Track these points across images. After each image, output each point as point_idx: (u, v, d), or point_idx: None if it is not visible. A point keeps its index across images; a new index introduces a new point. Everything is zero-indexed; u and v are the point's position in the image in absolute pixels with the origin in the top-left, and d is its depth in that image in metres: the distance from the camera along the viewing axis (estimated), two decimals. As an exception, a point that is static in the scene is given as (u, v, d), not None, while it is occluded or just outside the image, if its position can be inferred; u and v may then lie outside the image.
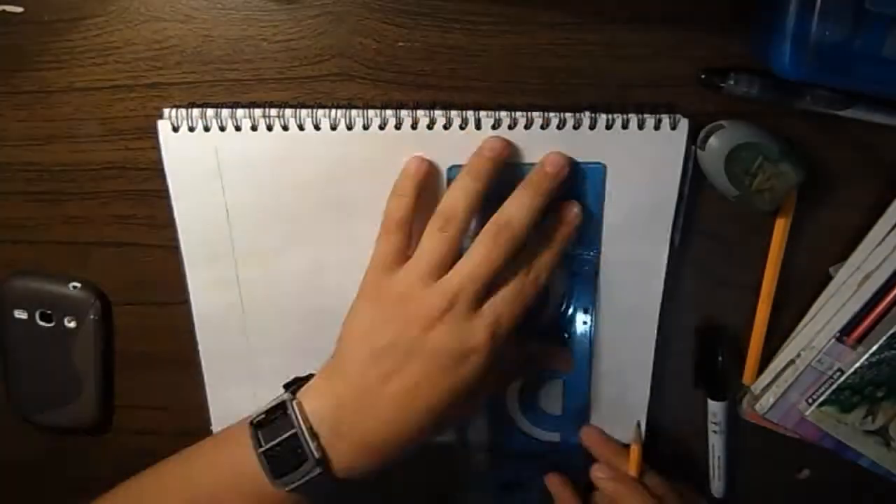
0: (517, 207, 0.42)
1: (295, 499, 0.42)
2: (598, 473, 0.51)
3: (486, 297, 0.42)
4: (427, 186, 0.44)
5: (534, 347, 0.49)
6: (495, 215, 0.43)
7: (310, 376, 0.44)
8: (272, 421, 0.42)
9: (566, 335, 0.50)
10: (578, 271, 0.48)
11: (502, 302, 0.42)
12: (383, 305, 0.42)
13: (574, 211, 0.45)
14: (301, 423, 0.41)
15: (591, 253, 0.47)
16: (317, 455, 0.41)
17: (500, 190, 0.43)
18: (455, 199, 0.42)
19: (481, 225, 0.43)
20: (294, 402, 0.42)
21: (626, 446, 0.53)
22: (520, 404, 0.52)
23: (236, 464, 0.42)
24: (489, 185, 0.43)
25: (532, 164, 0.44)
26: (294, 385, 0.44)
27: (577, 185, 0.45)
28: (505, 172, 0.44)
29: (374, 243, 0.44)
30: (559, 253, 0.45)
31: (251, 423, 0.42)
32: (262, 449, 0.41)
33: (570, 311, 0.49)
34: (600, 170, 0.45)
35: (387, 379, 0.41)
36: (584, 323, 0.49)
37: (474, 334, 0.41)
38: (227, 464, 0.43)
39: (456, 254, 0.43)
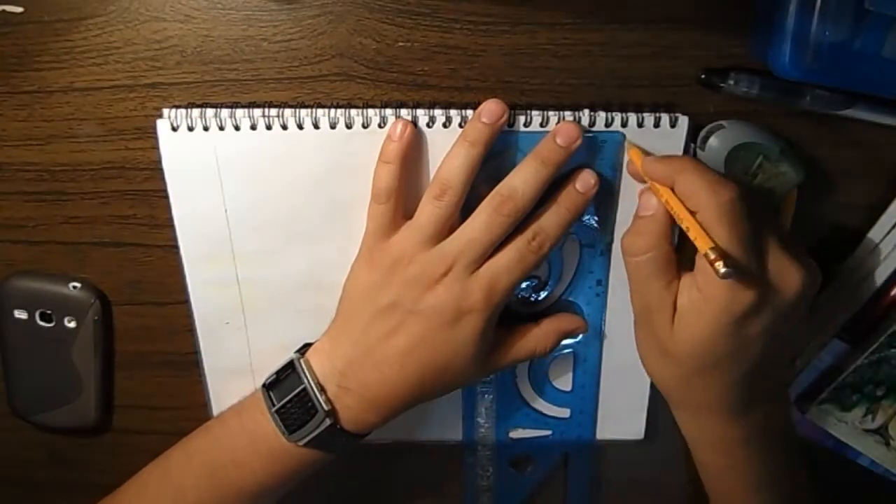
0: (522, 179, 0.42)
1: (310, 455, 0.44)
2: (636, 166, 0.43)
3: (485, 261, 0.43)
4: (413, 149, 0.44)
5: (550, 323, 0.48)
6: (499, 185, 0.43)
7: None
8: (282, 380, 0.44)
9: (578, 304, 0.49)
10: (592, 243, 0.48)
11: (501, 265, 0.43)
12: (383, 268, 0.43)
13: (591, 181, 0.43)
14: (309, 378, 0.43)
15: (607, 224, 0.47)
16: (326, 407, 0.43)
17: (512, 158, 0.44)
18: (451, 167, 0.42)
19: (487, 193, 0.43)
20: (301, 360, 0.44)
21: (629, 441, 0.53)
22: (529, 379, 0.52)
23: (254, 426, 0.44)
24: (487, 151, 0.42)
25: (542, 133, 0.43)
26: (303, 349, 0.46)
27: (591, 154, 0.44)
28: (511, 140, 0.44)
29: (367, 213, 0.44)
30: (569, 222, 0.44)
31: (264, 385, 0.45)
32: (275, 408, 0.43)
33: (584, 282, 0.49)
34: (617, 139, 0.44)
35: (388, 337, 0.43)
36: (598, 295, 0.49)
37: (470, 295, 0.42)
38: (245, 427, 0.45)
39: (453, 221, 0.43)
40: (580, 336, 0.50)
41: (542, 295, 0.49)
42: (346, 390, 0.43)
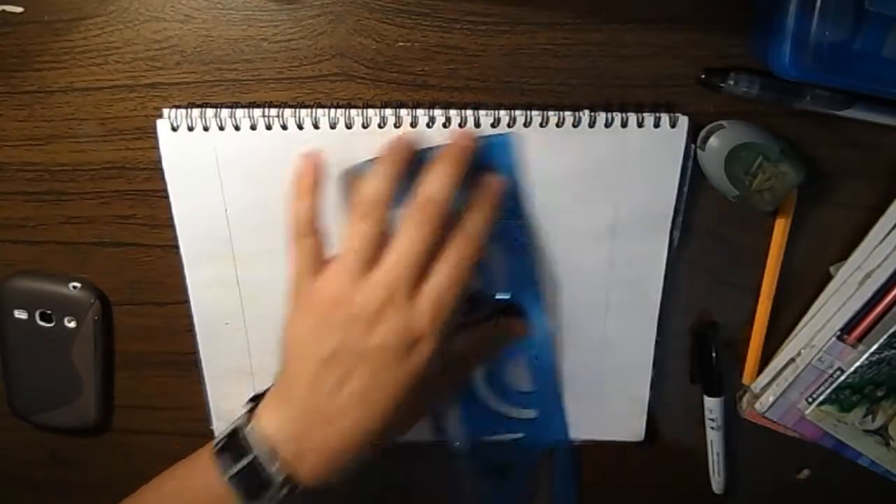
0: (434, 181, 0.41)
1: None
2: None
3: (422, 280, 0.41)
4: (323, 179, 0.43)
5: (488, 328, 0.47)
6: (415, 196, 0.41)
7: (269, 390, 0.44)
8: (232, 447, 0.41)
9: (519, 305, 0.49)
10: (513, 243, 0.47)
11: (440, 282, 0.41)
12: (319, 312, 0.41)
13: (494, 180, 0.43)
14: (258, 447, 0.41)
15: (520, 221, 0.47)
16: (279, 477, 0.40)
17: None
18: (372, 186, 0.41)
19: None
20: (248, 429, 0.41)
21: (629, 443, 0.53)
22: (489, 386, 0.52)
23: (208, 488, 0.41)
24: (404, 169, 0.42)
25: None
26: (254, 403, 0.43)
27: (488, 159, 0.45)
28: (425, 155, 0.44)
29: (290, 251, 0.43)
30: (488, 223, 0.42)
31: (214, 447, 0.42)
32: (228, 475, 0.41)
33: (519, 282, 0.49)
34: (505, 140, 0.44)
35: (338, 388, 0.40)
36: (534, 293, 0.49)
37: (418, 321, 0.40)
38: (198, 489, 0.42)
39: (382, 241, 0.41)
40: (528, 337, 0.50)
41: (482, 302, 0.49)
42: (302, 452, 0.41)
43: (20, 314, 0.50)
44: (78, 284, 0.49)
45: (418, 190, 0.41)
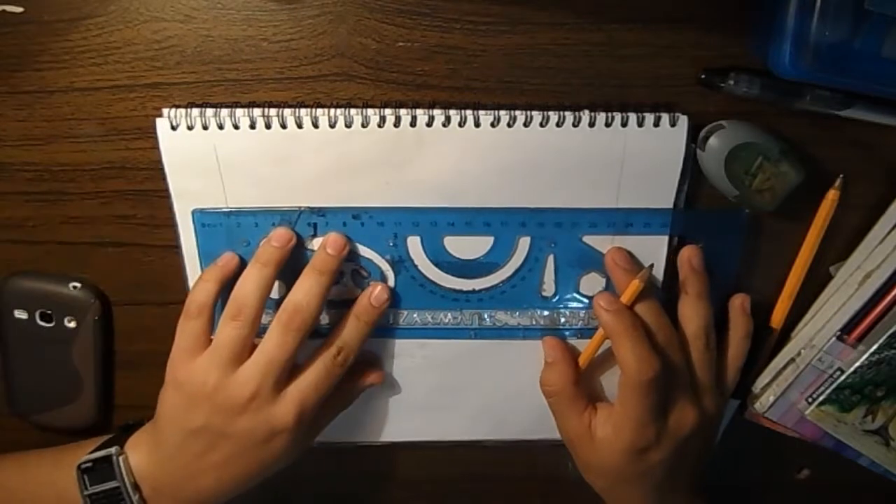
0: (304, 293, 0.45)
1: None
2: (599, 301, 0.46)
3: (291, 376, 0.45)
4: (232, 277, 0.46)
5: (351, 381, 0.49)
6: (284, 302, 0.45)
7: (142, 422, 0.48)
8: (100, 469, 0.45)
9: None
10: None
11: (309, 383, 0.45)
12: (188, 393, 0.45)
13: (383, 297, 0.47)
14: (125, 477, 0.45)
15: None
16: None
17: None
18: (246, 289, 0.44)
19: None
20: (120, 458, 0.46)
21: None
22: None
23: (65, 490, 0.46)
24: (278, 270, 0.45)
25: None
26: (125, 433, 0.48)
27: None
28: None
29: (178, 326, 0.45)
30: (367, 334, 0.47)
31: (79, 466, 0.46)
32: (88, 492, 0.45)
33: None
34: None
35: (202, 455, 0.45)
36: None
37: (280, 417, 0.44)
38: (59, 485, 0.46)
39: (250, 341, 0.45)
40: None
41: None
42: (161, 495, 0.45)
43: (20, 314, 0.50)
44: (78, 284, 0.49)
45: (289, 295, 0.45)
